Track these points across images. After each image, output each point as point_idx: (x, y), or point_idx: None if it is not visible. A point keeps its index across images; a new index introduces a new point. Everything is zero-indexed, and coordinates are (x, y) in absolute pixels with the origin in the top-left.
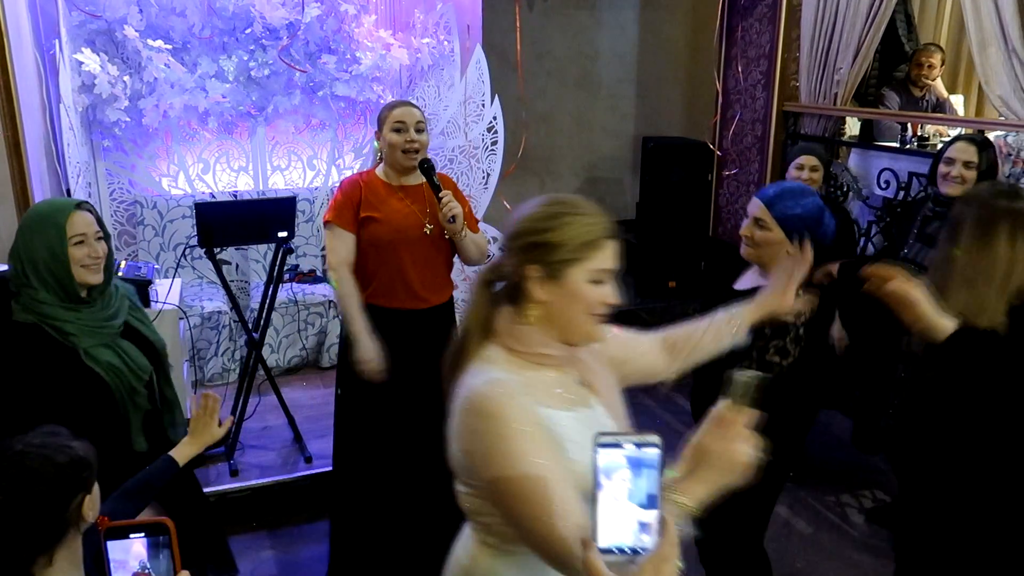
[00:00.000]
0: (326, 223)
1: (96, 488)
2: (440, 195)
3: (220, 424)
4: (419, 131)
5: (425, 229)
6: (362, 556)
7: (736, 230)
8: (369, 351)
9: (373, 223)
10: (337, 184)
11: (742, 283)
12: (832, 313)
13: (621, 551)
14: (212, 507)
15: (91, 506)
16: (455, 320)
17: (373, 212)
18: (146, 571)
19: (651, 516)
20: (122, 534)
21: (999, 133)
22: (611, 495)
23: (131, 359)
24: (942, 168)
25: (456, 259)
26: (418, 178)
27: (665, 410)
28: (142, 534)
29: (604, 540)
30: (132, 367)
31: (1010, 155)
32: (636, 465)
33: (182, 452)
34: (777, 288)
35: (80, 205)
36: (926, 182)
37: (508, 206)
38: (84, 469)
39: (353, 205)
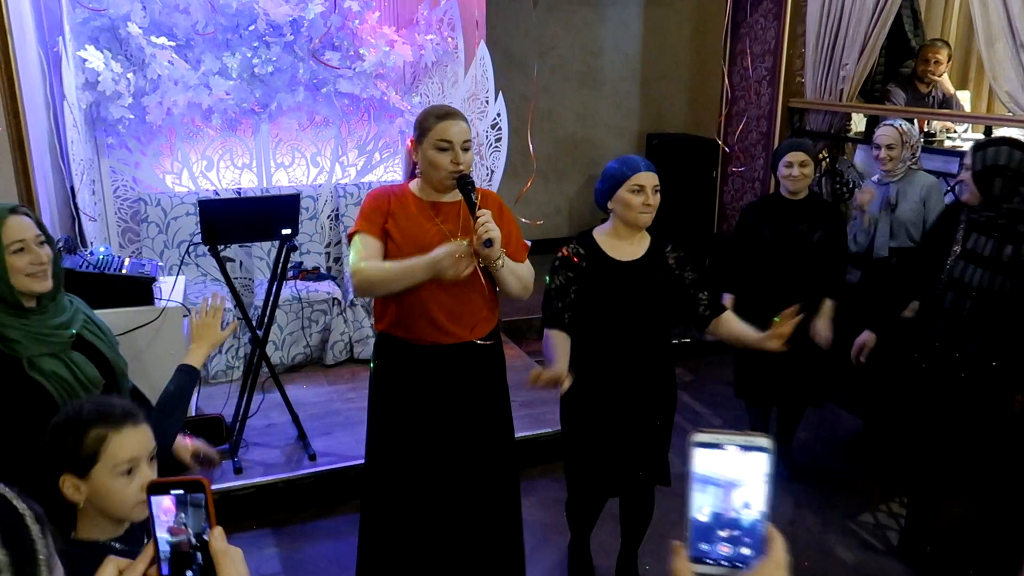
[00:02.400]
0: (351, 236)
1: (100, 478)
2: (476, 214)
3: (224, 327)
4: (465, 150)
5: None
6: (391, 555)
7: None
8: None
9: (394, 243)
10: (353, 187)
11: (627, 254)
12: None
13: (716, 562)
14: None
15: (76, 488)
16: (502, 358)
17: (396, 230)
18: (182, 526)
19: (755, 528)
20: (163, 490)
21: (899, 121)
22: (708, 500)
23: (80, 370)
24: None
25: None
26: (456, 195)
27: None
28: (181, 491)
29: (697, 548)
30: (81, 379)
31: (906, 141)
32: (740, 469)
33: (195, 357)
34: None
35: (15, 210)
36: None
37: (525, 220)
38: (69, 451)
39: (381, 214)
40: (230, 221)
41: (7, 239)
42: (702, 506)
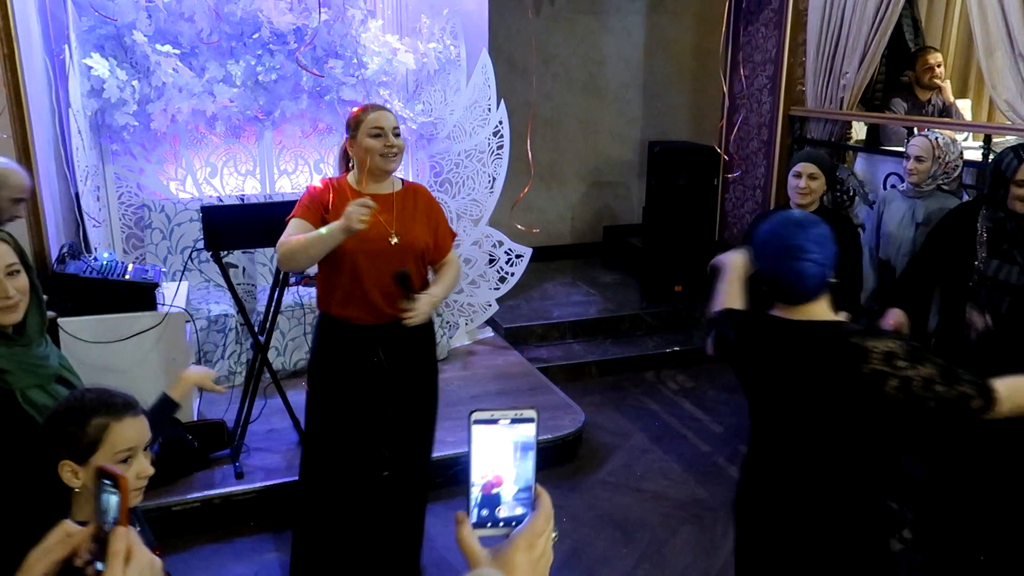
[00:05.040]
0: (288, 221)
1: (100, 464)
2: (407, 301)
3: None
4: (396, 135)
5: (391, 240)
6: (324, 566)
7: (741, 234)
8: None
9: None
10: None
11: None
12: None
13: (496, 524)
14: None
15: (75, 474)
16: (433, 335)
17: (333, 220)
18: (98, 514)
19: (527, 489)
20: (104, 476)
21: (938, 134)
22: (485, 470)
23: None
24: (1016, 190)
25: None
26: (389, 187)
27: (668, 413)
28: (109, 482)
29: (479, 515)
30: None
31: (939, 157)
32: (512, 440)
33: (175, 391)
34: None
35: None
36: (981, 195)
37: (521, 227)
38: (70, 438)
39: (321, 206)
40: (233, 227)
41: None
42: (481, 476)
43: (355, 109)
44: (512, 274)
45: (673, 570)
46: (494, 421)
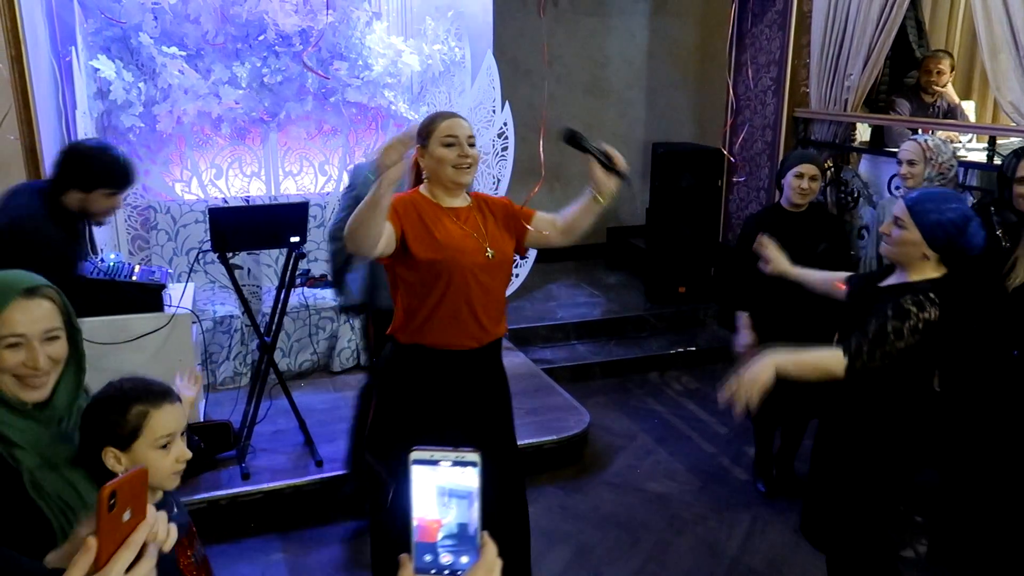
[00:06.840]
0: None
1: (140, 451)
2: (607, 151)
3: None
4: (472, 145)
5: (487, 253)
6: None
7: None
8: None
9: (428, 246)
10: None
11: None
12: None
13: (439, 571)
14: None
15: (118, 460)
16: (501, 360)
17: (423, 235)
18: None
19: (471, 536)
20: None
21: (927, 137)
22: (428, 514)
23: (80, 492)
24: (1019, 188)
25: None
26: (464, 200)
27: (673, 414)
28: None
29: (421, 560)
30: (85, 501)
31: (930, 159)
32: (454, 483)
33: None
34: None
35: (32, 291)
36: (990, 197)
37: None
38: (112, 426)
39: (403, 204)
40: (239, 229)
41: (3, 330)
42: (422, 519)
43: (428, 116)
44: (516, 275)
45: (678, 571)
46: (435, 462)
